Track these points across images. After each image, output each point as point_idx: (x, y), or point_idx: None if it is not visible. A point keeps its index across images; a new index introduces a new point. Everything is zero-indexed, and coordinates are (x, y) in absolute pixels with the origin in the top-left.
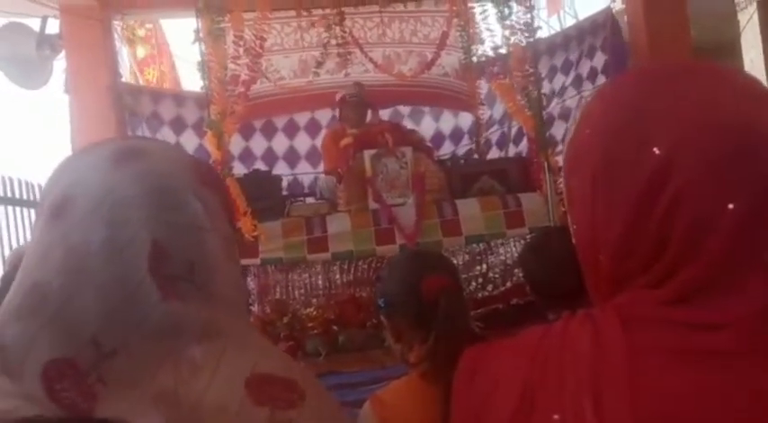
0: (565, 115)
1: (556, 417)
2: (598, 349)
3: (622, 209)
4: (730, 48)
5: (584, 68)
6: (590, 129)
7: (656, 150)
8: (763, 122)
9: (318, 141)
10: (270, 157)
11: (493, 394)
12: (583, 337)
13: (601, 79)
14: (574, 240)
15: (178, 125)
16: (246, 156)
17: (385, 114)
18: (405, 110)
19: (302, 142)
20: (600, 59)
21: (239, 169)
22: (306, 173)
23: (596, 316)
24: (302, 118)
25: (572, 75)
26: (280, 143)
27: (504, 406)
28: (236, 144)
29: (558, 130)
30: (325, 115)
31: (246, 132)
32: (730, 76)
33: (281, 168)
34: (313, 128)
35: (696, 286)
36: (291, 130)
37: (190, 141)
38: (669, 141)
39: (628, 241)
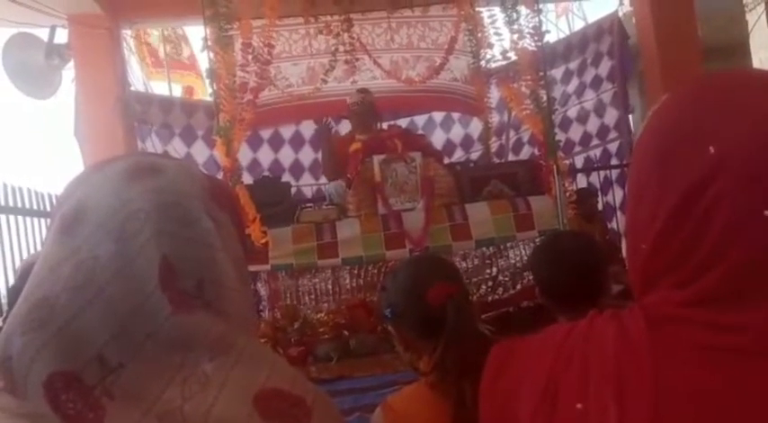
0: (565, 125)
1: (579, 406)
2: (623, 344)
3: (668, 203)
4: (739, 48)
5: (588, 76)
6: (654, 124)
7: (711, 149)
8: None
9: (321, 155)
10: (276, 168)
11: (518, 389)
12: (608, 333)
13: (606, 85)
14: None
15: (189, 135)
16: (254, 166)
17: (401, 124)
18: (419, 122)
19: (306, 155)
20: (606, 65)
21: (248, 179)
22: (309, 184)
23: (622, 314)
24: (307, 131)
25: (574, 83)
26: (286, 155)
27: (528, 398)
28: (244, 155)
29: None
30: None
31: (255, 143)
32: None
33: (286, 179)
34: (317, 141)
35: (719, 291)
36: (297, 142)
37: (201, 152)
38: (725, 143)
39: (665, 235)
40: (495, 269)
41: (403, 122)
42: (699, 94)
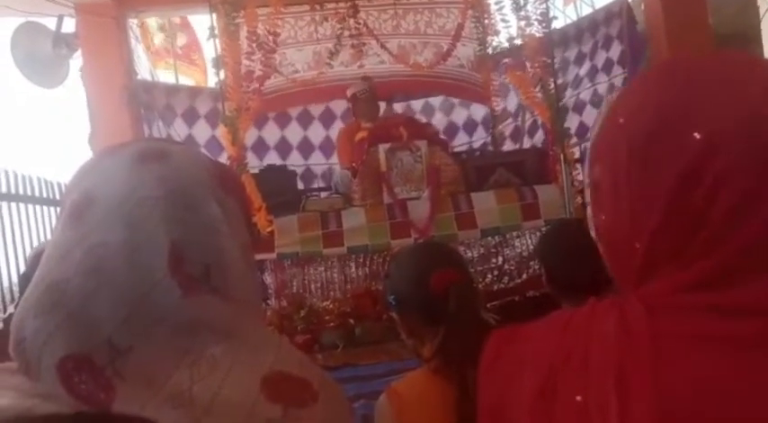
0: (579, 108)
1: (578, 398)
2: (623, 334)
3: (660, 195)
4: (750, 36)
5: (600, 59)
6: (624, 117)
7: (696, 135)
8: None
9: (332, 132)
10: (283, 147)
11: (518, 377)
12: (608, 323)
13: (617, 70)
14: (598, 230)
15: (191, 116)
16: (260, 146)
17: (398, 108)
18: (416, 105)
19: (316, 132)
20: (616, 50)
21: (252, 160)
22: (319, 164)
23: (622, 303)
24: (316, 108)
25: (586, 66)
26: (293, 133)
27: (527, 388)
28: (249, 134)
29: (571, 122)
30: (339, 105)
31: (259, 122)
32: (758, 62)
33: (294, 158)
34: (327, 118)
35: (728, 267)
36: (305, 119)
37: (202, 132)
38: (710, 126)
39: (666, 227)
40: (500, 258)
41: (417, 104)
42: (671, 81)
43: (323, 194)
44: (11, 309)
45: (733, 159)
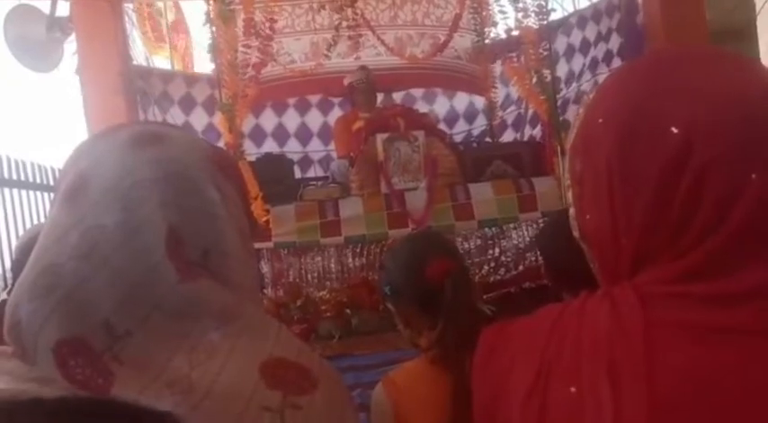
0: (579, 99)
1: (572, 389)
2: (616, 325)
3: (644, 191)
4: (746, 31)
5: (600, 51)
6: (602, 117)
7: (673, 130)
8: None
9: (330, 118)
10: (281, 134)
11: (510, 372)
12: (601, 314)
13: (616, 62)
14: (582, 230)
15: (188, 104)
16: (257, 133)
17: (398, 95)
18: (416, 92)
19: (314, 119)
20: (615, 42)
21: (250, 148)
22: (317, 150)
23: (615, 294)
24: (314, 95)
25: (588, 57)
26: (291, 120)
27: (521, 382)
28: (246, 121)
29: (572, 113)
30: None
31: (257, 109)
32: (730, 54)
33: (292, 145)
34: (325, 105)
35: (720, 255)
36: (303, 106)
37: (199, 120)
38: (686, 120)
39: (652, 221)
40: (497, 250)
41: (418, 91)
42: (646, 78)
43: (320, 183)
44: (3, 295)
45: (712, 150)
